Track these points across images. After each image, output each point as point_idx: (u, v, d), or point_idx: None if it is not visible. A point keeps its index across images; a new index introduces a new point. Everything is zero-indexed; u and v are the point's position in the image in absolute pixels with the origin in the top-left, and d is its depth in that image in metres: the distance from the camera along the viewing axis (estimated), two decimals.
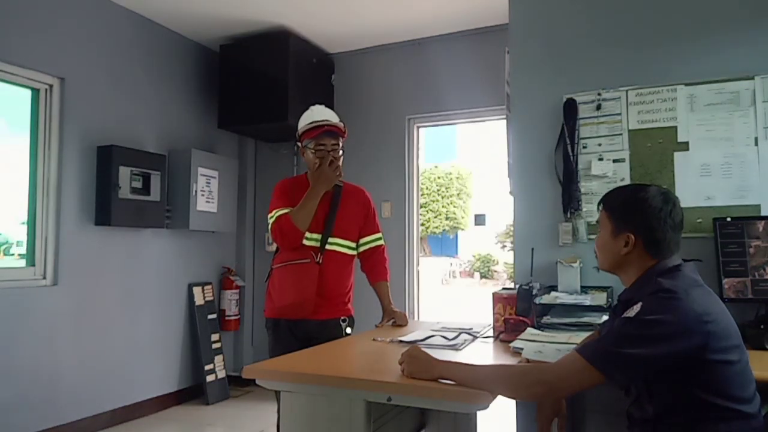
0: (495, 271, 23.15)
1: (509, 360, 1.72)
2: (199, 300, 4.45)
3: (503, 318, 2.12)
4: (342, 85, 4.67)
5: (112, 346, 3.79)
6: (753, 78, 2.35)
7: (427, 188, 24.43)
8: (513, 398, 1.42)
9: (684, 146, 2.43)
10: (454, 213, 25.16)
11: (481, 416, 2.17)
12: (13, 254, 3.52)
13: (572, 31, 2.67)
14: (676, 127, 2.44)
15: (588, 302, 2.21)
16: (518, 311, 2.14)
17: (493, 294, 2.21)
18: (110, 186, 3.65)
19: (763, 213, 2.29)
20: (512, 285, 2.58)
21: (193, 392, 4.38)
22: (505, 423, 3.20)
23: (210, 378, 4.38)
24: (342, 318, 2.44)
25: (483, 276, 23.17)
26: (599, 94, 2.58)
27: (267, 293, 2.49)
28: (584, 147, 2.59)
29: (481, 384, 1.35)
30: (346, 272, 2.49)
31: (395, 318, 2.45)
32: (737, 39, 2.38)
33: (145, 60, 4.11)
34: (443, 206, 25.08)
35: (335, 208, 2.43)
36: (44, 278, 3.45)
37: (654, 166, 2.46)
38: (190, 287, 4.42)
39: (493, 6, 3.75)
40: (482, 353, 1.88)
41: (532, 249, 2.55)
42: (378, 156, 4.45)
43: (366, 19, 4.12)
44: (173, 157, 4.25)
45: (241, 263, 4.89)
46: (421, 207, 7.21)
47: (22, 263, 3.44)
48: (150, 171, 3.92)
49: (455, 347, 1.88)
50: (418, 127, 4.53)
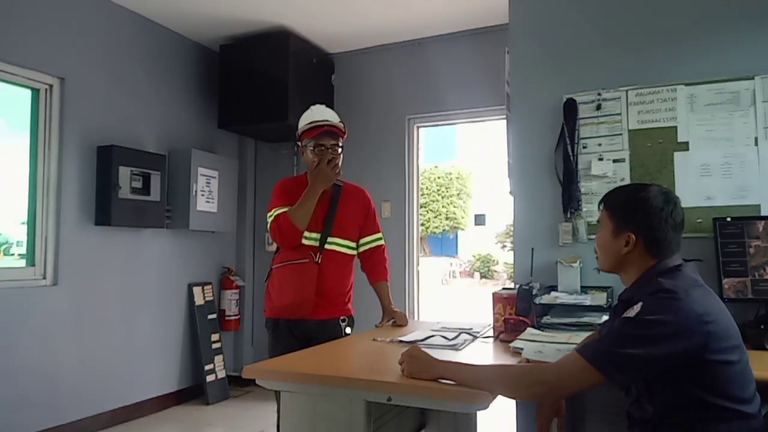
0: (495, 271, 23.14)
1: (509, 360, 1.72)
2: (199, 300, 4.46)
3: (503, 318, 2.12)
4: (342, 85, 4.67)
5: (112, 346, 3.79)
6: (753, 78, 2.35)
7: (427, 188, 24.43)
8: (512, 398, 1.42)
9: (684, 146, 2.43)
10: (454, 213, 25.16)
11: (481, 416, 2.17)
12: (13, 254, 3.52)
13: (572, 31, 2.67)
14: (676, 127, 2.44)
15: (588, 302, 2.21)
16: (518, 311, 2.14)
17: (493, 294, 2.21)
18: (110, 186, 3.65)
19: (763, 213, 2.29)
20: (512, 285, 2.58)
21: (193, 392, 4.38)
22: (505, 423, 3.20)
23: (210, 378, 4.38)
24: (341, 318, 2.43)
25: (483, 276, 23.16)
26: (599, 94, 2.58)
27: (267, 293, 2.49)
28: (584, 147, 2.59)
29: (481, 384, 1.35)
30: (346, 272, 2.48)
31: (395, 318, 2.45)
32: (737, 39, 2.38)
33: (145, 60, 4.11)
34: (443, 206, 25.08)
35: (335, 208, 2.43)
36: (44, 278, 3.45)
37: (654, 166, 2.46)
38: (190, 287, 4.42)
39: (493, 6, 3.75)
40: (482, 353, 1.88)
41: (532, 249, 2.55)
42: (378, 156, 4.45)
43: (366, 19, 4.12)
44: (173, 157, 4.25)
45: (241, 263, 4.90)
46: (421, 207, 7.20)
47: (22, 263, 3.44)
48: (150, 171, 3.92)
49: (455, 347, 1.88)
50: (418, 127, 4.53)
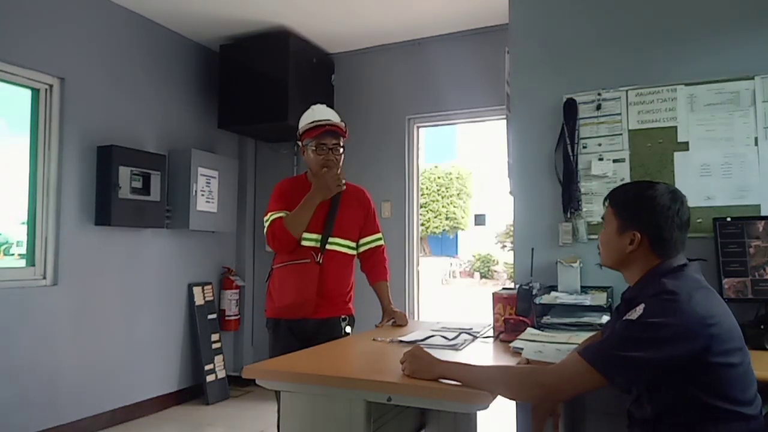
0: (495, 271, 23.14)
1: (509, 360, 1.72)
2: (199, 300, 4.45)
3: (503, 318, 2.12)
4: (342, 85, 4.67)
5: (112, 346, 3.79)
6: (753, 78, 2.35)
7: (427, 188, 24.42)
8: (513, 399, 1.42)
9: (684, 146, 2.43)
10: (454, 213, 25.15)
11: (481, 416, 2.17)
12: (13, 254, 3.52)
13: (572, 31, 2.67)
14: (676, 127, 2.44)
15: (588, 302, 2.21)
16: (518, 311, 2.14)
17: (493, 294, 2.21)
18: (110, 186, 3.65)
19: (763, 213, 2.29)
20: (512, 285, 2.58)
21: (193, 392, 4.38)
22: (505, 423, 3.20)
23: (210, 378, 4.38)
24: (342, 317, 2.43)
25: (483, 276, 23.16)
26: (599, 94, 2.58)
27: (267, 293, 2.49)
28: (584, 147, 2.59)
29: (482, 384, 1.34)
30: (347, 272, 2.49)
31: (395, 318, 2.45)
32: (737, 39, 2.38)
33: (145, 60, 4.11)
34: (443, 206, 25.08)
35: (335, 208, 2.43)
36: (44, 278, 3.45)
37: (654, 166, 2.46)
38: (190, 287, 4.42)
39: (493, 6, 3.75)
40: (482, 353, 1.88)
41: (532, 249, 2.55)
42: (378, 156, 4.45)
43: (366, 19, 4.12)
44: (173, 157, 4.25)
45: (241, 263, 4.90)
46: (421, 207, 7.20)
47: (22, 263, 3.44)
48: (150, 171, 3.92)
49: (455, 347, 1.88)
50: (418, 127, 4.53)
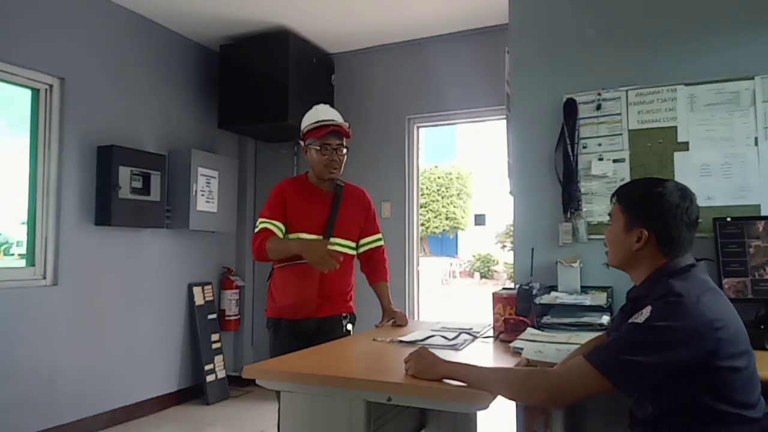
0: (495, 271, 23.14)
1: (509, 360, 1.72)
2: (199, 300, 4.45)
3: (503, 318, 2.12)
4: (342, 85, 4.67)
5: (112, 346, 3.79)
6: (753, 78, 2.35)
7: (427, 188, 24.42)
8: (516, 401, 1.40)
9: (684, 146, 2.43)
10: (454, 213, 25.15)
11: (481, 416, 2.17)
12: (13, 254, 3.52)
13: (572, 31, 2.67)
14: (676, 127, 2.45)
15: (588, 302, 2.21)
16: (518, 311, 2.14)
17: (493, 294, 2.21)
18: (110, 186, 3.65)
19: (763, 213, 2.29)
20: (512, 285, 2.58)
21: (193, 392, 4.38)
22: (505, 423, 3.20)
23: (210, 378, 4.38)
24: (343, 315, 2.44)
25: (483, 276, 23.16)
26: (599, 94, 2.58)
27: (268, 293, 2.48)
28: (584, 147, 2.59)
29: (486, 385, 1.33)
30: (348, 271, 2.49)
31: (395, 318, 2.45)
32: (737, 39, 2.38)
33: (145, 60, 4.11)
34: (443, 206, 25.08)
35: (336, 209, 2.43)
36: (44, 278, 3.45)
37: (654, 166, 2.46)
38: (190, 287, 4.42)
39: (493, 6, 3.75)
40: (482, 353, 1.88)
41: (532, 249, 2.55)
42: (378, 156, 4.45)
43: (366, 19, 4.12)
44: (173, 157, 4.25)
45: (241, 263, 4.89)
46: (421, 207, 7.20)
47: (22, 263, 3.44)
48: (150, 171, 3.92)
49: (455, 347, 1.88)
50: (418, 127, 4.53)
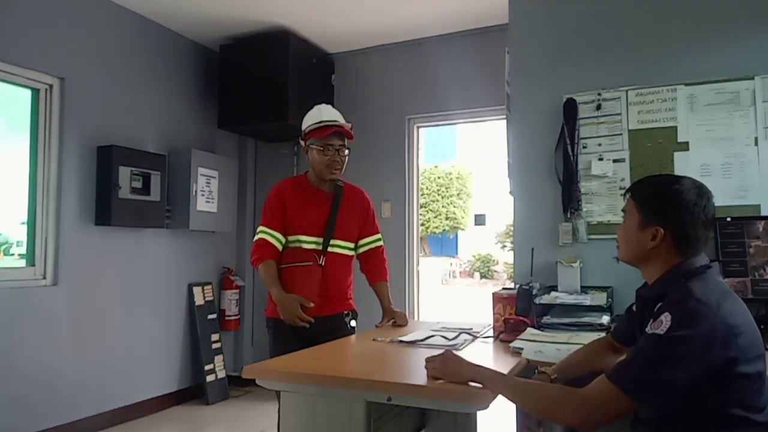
0: (495, 271, 23.12)
1: (509, 360, 1.72)
2: (199, 300, 4.45)
3: (503, 318, 2.12)
4: (342, 85, 4.67)
5: (112, 346, 3.79)
6: (753, 78, 2.35)
7: (427, 188, 24.40)
8: (542, 419, 1.37)
9: (684, 146, 2.43)
10: (454, 213, 25.13)
11: (481, 416, 2.17)
12: (13, 254, 3.52)
13: (572, 31, 2.67)
14: (676, 127, 2.45)
15: (588, 302, 2.22)
16: (518, 311, 2.14)
17: (493, 294, 2.22)
18: (110, 186, 3.65)
19: (763, 213, 2.29)
20: (512, 285, 2.58)
21: (193, 392, 4.38)
22: (505, 423, 3.20)
23: (210, 378, 4.38)
24: (345, 312, 2.45)
25: (483, 276, 23.15)
26: (599, 94, 2.58)
27: (269, 293, 2.48)
28: (584, 147, 2.60)
29: (512, 396, 1.31)
30: (347, 271, 2.50)
31: (395, 318, 2.45)
32: (737, 39, 2.38)
33: (145, 60, 4.11)
34: (443, 206, 25.05)
35: (336, 211, 2.43)
36: (44, 278, 3.45)
37: (654, 166, 2.46)
38: (190, 287, 4.42)
39: (493, 6, 3.75)
40: (482, 353, 1.88)
41: (532, 249, 2.55)
42: (378, 156, 4.45)
43: (366, 19, 4.12)
44: (173, 157, 4.24)
45: (241, 263, 4.89)
46: (421, 207, 7.20)
47: (22, 263, 3.44)
48: (150, 171, 3.92)
49: (455, 347, 1.88)
50: (418, 127, 4.53)
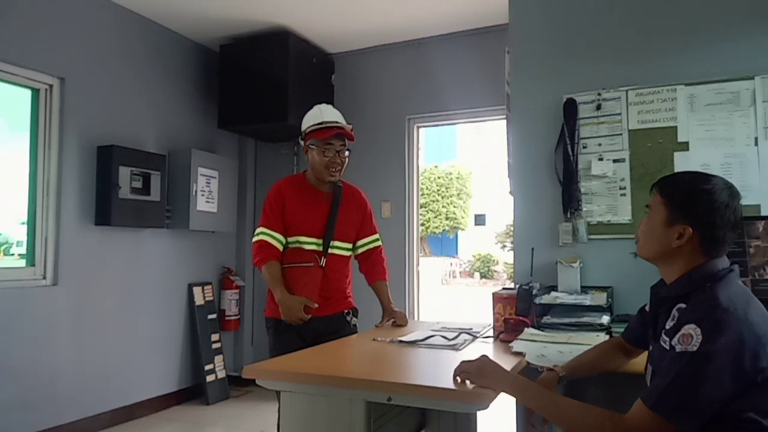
0: (495, 271, 23.12)
1: (509, 360, 1.72)
2: (199, 300, 4.45)
3: (503, 318, 2.12)
4: (342, 85, 4.67)
5: (112, 346, 3.79)
6: (753, 78, 2.35)
7: (427, 188, 24.40)
8: None
9: (684, 146, 2.43)
10: (454, 213, 25.12)
11: (481, 416, 2.17)
12: (13, 254, 3.52)
13: (572, 31, 2.67)
14: (676, 127, 2.45)
15: (588, 302, 2.21)
16: (518, 311, 2.14)
17: (493, 294, 2.21)
18: (110, 186, 3.65)
19: (763, 213, 2.29)
20: (512, 285, 2.58)
21: (193, 392, 4.38)
22: (505, 423, 3.20)
23: (210, 378, 4.38)
24: (346, 311, 2.45)
25: (483, 276, 23.15)
26: (599, 94, 2.58)
27: (269, 293, 2.47)
28: (584, 147, 2.60)
29: (548, 413, 1.30)
30: (345, 272, 2.50)
31: (395, 317, 2.45)
32: (737, 39, 2.38)
33: (146, 60, 4.11)
34: (443, 206, 25.05)
35: (336, 212, 2.43)
36: (44, 278, 3.45)
37: (654, 166, 2.46)
38: (190, 287, 4.42)
39: (493, 6, 3.75)
40: (482, 353, 1.88)
41: (532, 249, 2.55)
42: (378, 156, 4.45)
43: (366, 19, 4.12)
44: (173, 157, 4.24)
45: (241, 263, 4.89)
46: (421, 207, 7.20)
47: (22, 263, 3.44)
48: (150, 171, 3.92)
49: (455, 347, 1.88)
50: (418, 127, 4.53)
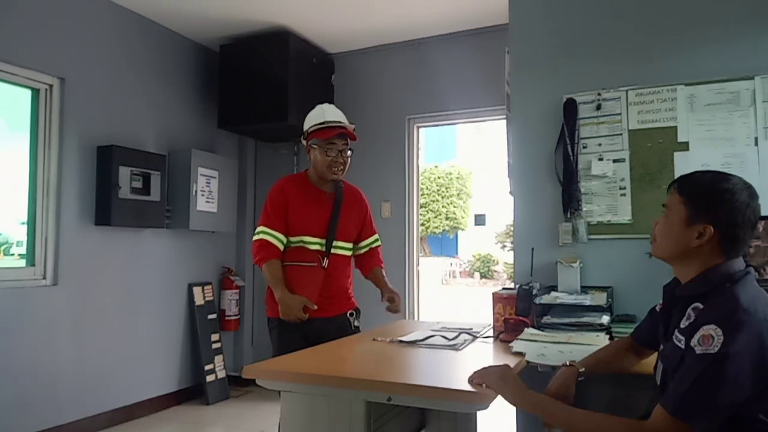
0: (495, 271, 23.12)
1: (509, 360, 1.72)
2: (199, 300, 4.45)
3: (503, 318, 2.12)
4: (342, 85, 4.67)
5: (112, 346, 3.79)
6: (753, 78, 2.35)
7: (427, 188, 24.40)
8: None
9: (684, 146, 2.43)
10: (454, 213, 25.13)
11: (481, 416, 2.17)
12: (13, 254, 3.52)
13: (572, 31, 2.67)
14: (676, 127, 2.45)
15: (588, 302, 2.22)
16: (518, 311, 2.14)
17: (493, 294, 2.22)
18: (110, 186, 3.65)
19: (764, 213, 2.28)
20: (512, 285, 2.58)
21: (193, 392, 4.38)
22: (505, 423, 3.20)
23: (210, 378, 4.38)
24: (349, 312, 2.45)
25: (483, 276, 23.15)
26: (599, 94, 2.58)
27: (268, 292, 2.47)
28: (584, 147, 2.60)
29: (569, 428, 1.29)
30: (346, 272, 2.51)
31: (393, 296, 2.42)
32: (737, 39, 2.38)
33: (145, 60, 4.11)
34: (443, 206, 25.05)
35: (338, 212, 2.43)
36: (44, 278, 3.45)
37: (654, 166, 2.46)
38: (190, 287, 4.42)
39: (493, 6, 3.75)
40: (482, 353, 1.88)
41: (532, 249, 2.55)
42: (378, 156, 4.45)
43: (366, 19, 4.12)
44: (173, 157, 4.24)
45: (241, 263, 4.89)
46: (421, 207, 7.20)
47: (22, 263, 3.44)
48: (150, 171, 3.92)
49: (455, 347, 1.88)
50: (418, 127, 4.53)
